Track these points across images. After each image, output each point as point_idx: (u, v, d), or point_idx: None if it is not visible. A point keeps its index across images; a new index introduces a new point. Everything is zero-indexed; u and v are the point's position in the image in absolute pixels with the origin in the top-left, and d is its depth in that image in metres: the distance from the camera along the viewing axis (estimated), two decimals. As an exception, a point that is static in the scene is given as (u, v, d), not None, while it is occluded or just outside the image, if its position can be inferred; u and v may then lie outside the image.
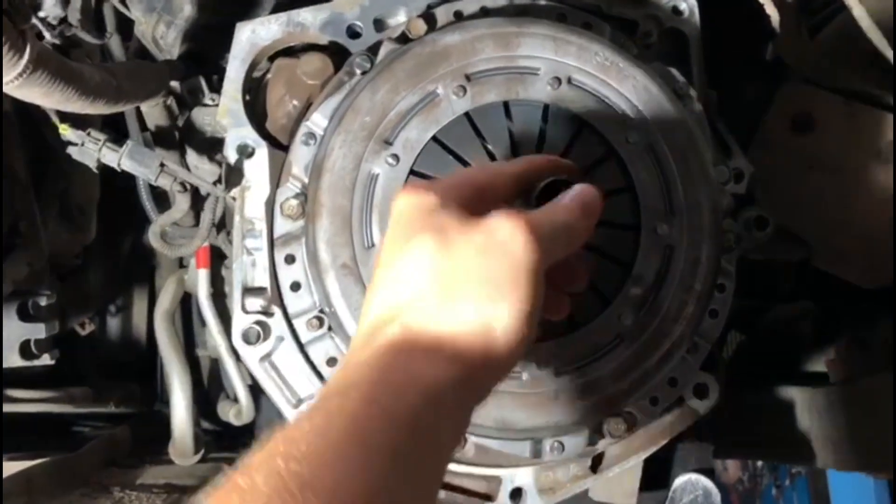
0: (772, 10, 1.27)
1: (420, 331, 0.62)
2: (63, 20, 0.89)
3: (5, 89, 0.74)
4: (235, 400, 1.61)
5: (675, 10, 1.16)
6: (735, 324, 1.91)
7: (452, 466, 0.99)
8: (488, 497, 1.03)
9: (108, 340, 1.94)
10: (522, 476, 1.04)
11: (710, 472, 1.20)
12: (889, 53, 1.27)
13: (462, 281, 0.63)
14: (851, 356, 1.50)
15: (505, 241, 0.64)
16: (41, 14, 0.87)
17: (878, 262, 1.36)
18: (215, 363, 1.75)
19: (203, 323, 1.68)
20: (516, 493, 1.04)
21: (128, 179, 1.27)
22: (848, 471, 1.40)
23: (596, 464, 1.07)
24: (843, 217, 1.32)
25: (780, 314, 1.75)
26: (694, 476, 1.17)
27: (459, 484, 1.01)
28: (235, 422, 1.62)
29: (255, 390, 1.61)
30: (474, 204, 0.68)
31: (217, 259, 1.54)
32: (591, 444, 0.98)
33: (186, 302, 1.78)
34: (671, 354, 0.97)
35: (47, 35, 0.89)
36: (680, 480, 1.17)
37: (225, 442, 1.95)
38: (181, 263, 1.78)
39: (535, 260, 0.64)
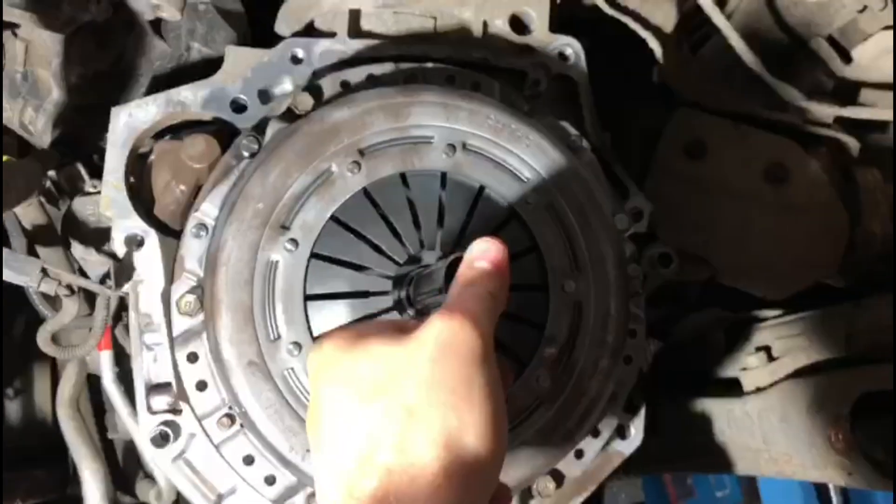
0: (654, 44, 1.30)
1: (398, 478, 0.59)
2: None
3: None
4: (153, 481, 1.53)
5: (562, 56, 1.17)
6: (651, 333, 1.97)
7: None
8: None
9: (8, 426, 1.82)
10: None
11: (640, 505, 1.22)
12: (763, 72, 1.33)
13: (420, 406, 0.60)
14: (762, 365, 1.55)
15: (447, 341, 0.61)
16: None
17: (780, 277, 1.41)
18: (130, 443, 1.66)
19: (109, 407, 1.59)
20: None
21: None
22: (768, 476, 1.45)
23: (530, 522, 1.06)
24: (741, 236, 1.37)
25: (693, 322, 1.80)
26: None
27: None
28: (157, 503, 1.54)
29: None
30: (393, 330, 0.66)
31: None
32: (523, 507, 0.98)
33: (94, 381, 1.68)
34: (591, 409, 0.97)
35: None
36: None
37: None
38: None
39: (482, 346, 0.62)
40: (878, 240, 1.35)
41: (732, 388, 1.59)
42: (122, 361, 1.49)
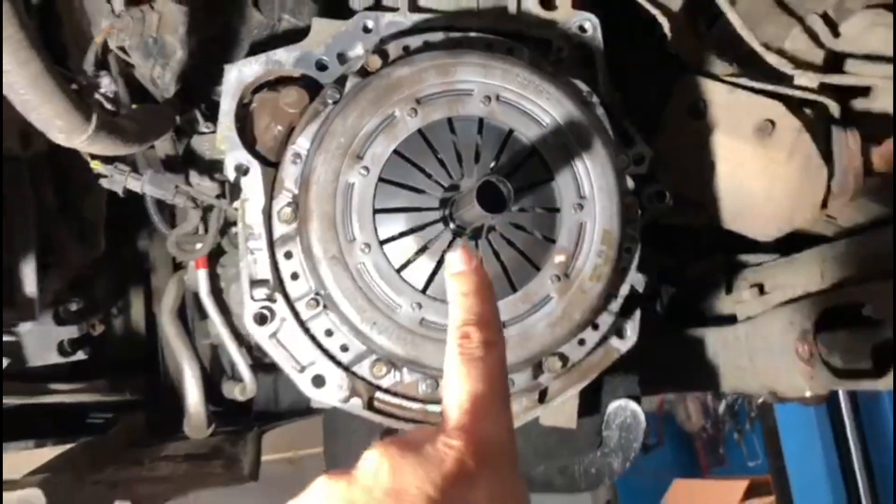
0: (662, 20, 1.55)
1: None
2: (115, 94, 1.12)
3: (78, 147, 0.98)
4: (238, 379, 1.85)
5: (582, 28, 1.43)
6: (666, 279, 2.23)
7: (408, 403, 1.26)
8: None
9: (114, 339, 2.17)
10: (485, 411, 1.31)
11: (637, 399, 1.49)
12: (756, 45, 1.56)
13: None
14: (754, 298, 1.81)
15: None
16: (101, 91, 1.10)
17: (767, 220, 1.66)
18: (215, 350, 1.98)
19: (201, 317, 1.92)
20: (481, 426, 1.32)
21: (125, 199, 1.51)
22: (748, 393, 1.70)
23: (542, 397, 1.35)
24: (733, 184, 1.61)
25: (701, 267, 2.06)
26: (623, 402, 1.45)
27: (420, 419, 1.27)
28: (240, 397, 1.86)
29: (255, 369, 1.85)
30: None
31: (212, 260, 1.77)
32: (535, 379, 1.26)
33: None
34: (590, 306, 1.24)
35: (108, 106, 1.13)
36: (612, 406, 1.45)
37: (227, 419, 2.20)
38: (176, 267, 2.01)
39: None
40: (851, 190, 1.58)
41: (727, 321, 1.85)
42: (214, 280, 1.81)
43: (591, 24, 1.43)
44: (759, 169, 1.58)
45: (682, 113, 1.64)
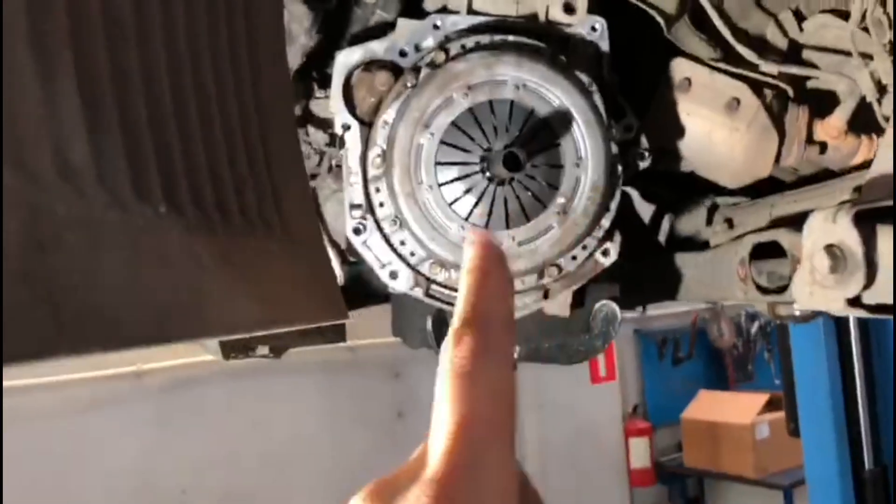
0: (659, 19, 2.04)
1: None
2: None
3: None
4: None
5: (593, 28, 1.94)
6: (668, 209, 2.78)
7: (452, 293, 1.87)
8: (487, 312, 1.93)
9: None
10: (506, 301, 1.93)
11: (616, 300, 2.07)
12: (731, 38, 2.05)
13: None
14: (723, 231, 2.35)
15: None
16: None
17: (732, 173, 2.18)
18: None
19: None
20: (503, 311, 1.94)
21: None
22: (708, 301, 2.27)
23: (546, 294, 1.95)
24: (706, 145, 2.14)
25: (690, 203, 2.60)
26: (606, 301, 2.04)
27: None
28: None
29: (344, 265, 2.50)
30: None
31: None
32: (539, 280, 1.87)
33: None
34: (581, 232, 1.82)
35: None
36: (598, 304, 2.04)
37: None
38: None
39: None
40: (794, 153, 2.09)
41: (702, 247, 2.40)
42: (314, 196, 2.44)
43: (599, 25, 1.94)
44: (725, 135, 2.10)
45: (671, 88, 2.15)
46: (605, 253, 1.95)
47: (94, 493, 6.25)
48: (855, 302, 1.27)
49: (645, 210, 2.93)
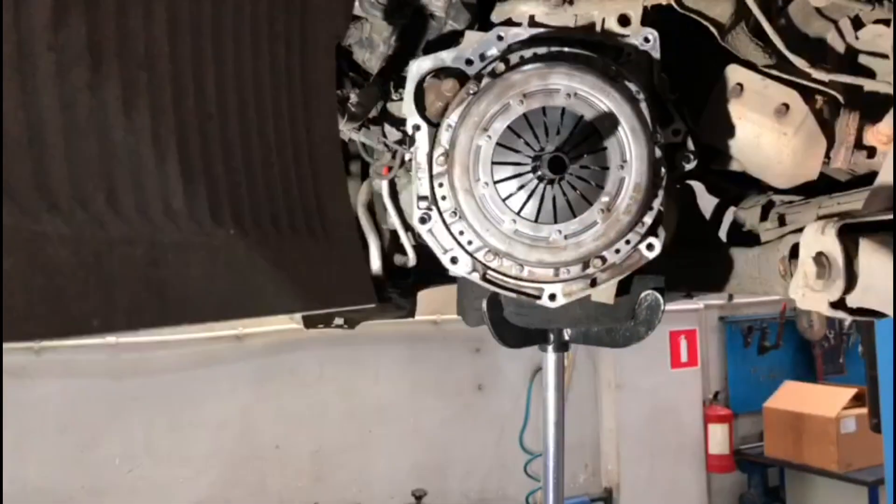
0: (714, 31, 2.16)
1: None
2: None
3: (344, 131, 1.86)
4: (404, 253, 2.77)
5: (646, 39, 2.09)
6: (732, 202, 2.88)
7: (505, 279, 2.09)
8: (537, 297, 2.14)
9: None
10: (555, 287, 2.13)
11: (661, 291, 2.23)
12: (784, 49, 2.14)
13: None
14: (774, 227, 2.45)
15: None
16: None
17: (781, 175, 2.29)
18: (392, 233, 2.91)
19: (384, 210, 2.83)
20: (552, 296, 2.14)
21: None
22: (748, 293, 2.39)
23: (593, 283, 2.14)
24: (755, 147, 2.25)
25: (751, 201, 2.71)
26: (650, 291, 2.21)
27: (519, 288, 2.11)
28: (408, 265, 2.78)
29: (415, 248, 2.75)
30: None
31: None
32: (584, 270, 2.06)
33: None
34: (624, 227, 2.00)
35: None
36: (643, 294, 2.21)
37: (395, 280, 3.17)
38: (363, 178, 2.92)
39: None
40: (842, 158, 2.17)
41: (755, 242, 2.52)
42: (392, 187, 2.70)
43: (652, 36, 2.09)
44: (773, 139, 2.21)
45: (724, 94, 2.27)
46: (650, 247, 2.12)
47: (200, 441, 6.94)
48: (838, 305, 1.40)
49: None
